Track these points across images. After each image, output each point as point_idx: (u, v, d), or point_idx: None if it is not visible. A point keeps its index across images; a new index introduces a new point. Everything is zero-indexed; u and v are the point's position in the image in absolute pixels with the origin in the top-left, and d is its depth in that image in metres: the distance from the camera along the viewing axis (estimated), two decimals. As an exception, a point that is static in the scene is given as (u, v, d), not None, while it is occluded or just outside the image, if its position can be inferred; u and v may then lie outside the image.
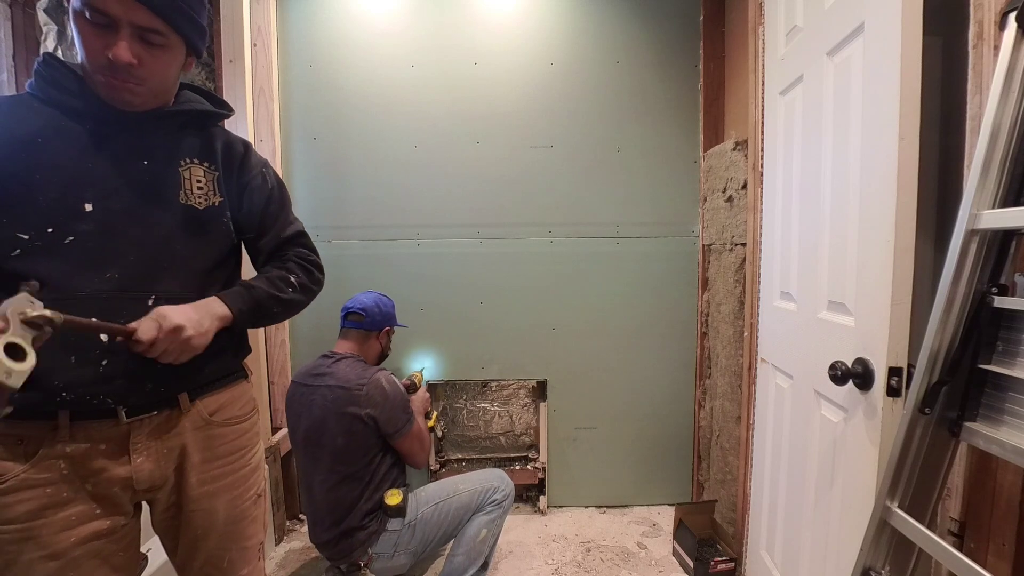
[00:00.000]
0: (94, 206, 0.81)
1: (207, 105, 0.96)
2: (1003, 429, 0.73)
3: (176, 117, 0.90)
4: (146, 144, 0.87)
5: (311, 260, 1.07)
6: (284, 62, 2.11)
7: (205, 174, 0.92)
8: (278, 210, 1.04)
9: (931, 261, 1.50)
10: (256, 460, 1.02)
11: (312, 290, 1.05)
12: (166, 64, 0.84)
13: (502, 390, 2.34)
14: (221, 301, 0.89)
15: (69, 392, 0.78)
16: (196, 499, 0.91)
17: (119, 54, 0.77)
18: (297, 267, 1.03)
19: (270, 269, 1.01)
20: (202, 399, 0.92)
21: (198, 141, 0.93)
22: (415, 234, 2.18)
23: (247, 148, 1.01)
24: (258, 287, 0.95)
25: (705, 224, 2.16)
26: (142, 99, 0.84)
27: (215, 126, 0.99)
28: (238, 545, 0.97)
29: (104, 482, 0.82)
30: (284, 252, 1.04)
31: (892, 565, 0.85)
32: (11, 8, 1.62)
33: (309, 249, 1.09)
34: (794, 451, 1.35)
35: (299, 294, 1.01)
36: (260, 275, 0.99)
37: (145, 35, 0.80)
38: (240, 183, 0.98)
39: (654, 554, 1.97)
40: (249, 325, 0.96)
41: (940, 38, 1.47)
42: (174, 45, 0.84)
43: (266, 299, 0.95)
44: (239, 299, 0.91)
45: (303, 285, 1.02)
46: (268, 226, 1.02)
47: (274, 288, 0.97)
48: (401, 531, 1.53)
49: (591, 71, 2.14)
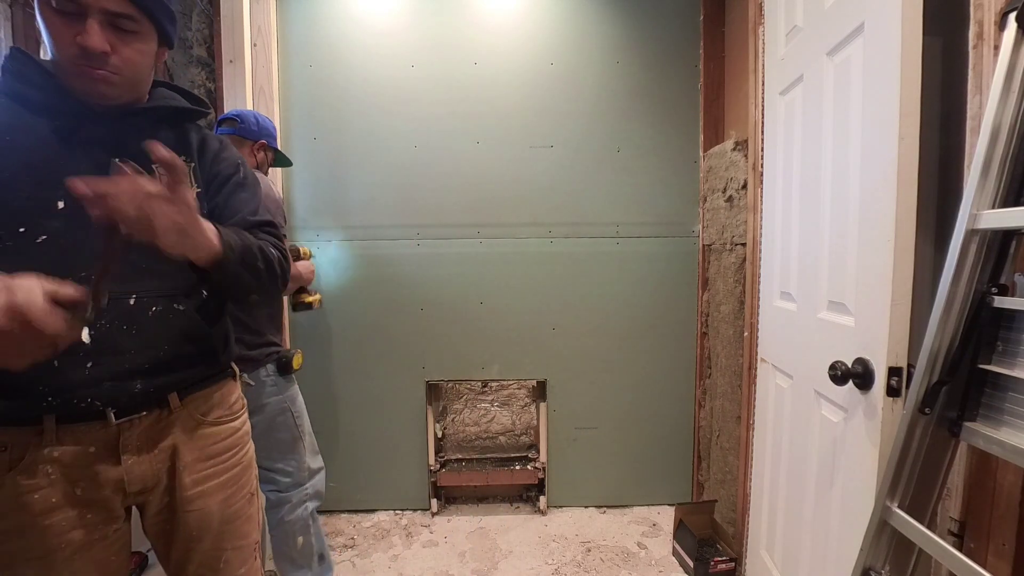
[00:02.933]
0: (66, 203, 0.78)
1: (183, 102, 0.94)
2: (1003, 429, 0.73)
3: (149, 113, 0.88)
4: (119, 141, 0.84)
5: (281, 248, 0.95)
6: (284, 62, 2.11)
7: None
8: (249, 197, 0.97)
9: (931, 261, 1.49)
10: (248, 458, 1.01)
11: (276, 274, 0.91)
12: (139, 52, 0.81)
13: (502, 390, 2.34)
14: (216, 229, 0.78)
15: (55, 397, 0.77)
16: (190, 500, 0.89)
17: (91, 41, 0.74)
18: (270, 244, 0.91)
19: (246, 235, 0.89)
20: (191, 398, 0.91)
21: (173, 136, 0.91)
22: (415, 234, 2.18)
23: (223, 143, 0.99)
24: (247, 236, 0.85)
25: (705, 224, 2.16)
26: (118, 90, 0.82)
27: (191, 123, 0.96)
28: (234, 544, 0.96)
29: (94, 486, 0.81)
30: (253, 234, 0.92)
31: (892, 565, 0.85)
32: (11, 8, 1.62)
33: (278, 239, 0.97)
34: (794, 451, 1.35)
35: (266, 269, 0.88)
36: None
37: (115, 21, 0.77)
38: (212, 171, 0.94)
39: (654, 554, 1.97)
40: (227, 273, 0.81)
41: (940, 38, 1.47)
42: (146, 32, 0.81)
43: (254, 248, 0.85)
44: (232, 237, 0.81)
45: (268, 263, 0.89)
46: (237, 208, 0.94)
47: (255, 246, 0.86)
48: (277, 390, 1.49)
49: (591, 71, 2.14)
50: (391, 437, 2.24)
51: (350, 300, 2.19)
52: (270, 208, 1.22)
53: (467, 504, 2.33)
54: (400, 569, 1.89)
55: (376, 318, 2.19)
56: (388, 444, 2.23)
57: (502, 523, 2.18)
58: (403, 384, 2.22)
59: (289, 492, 1.55)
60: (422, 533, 2.12)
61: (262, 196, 1.02)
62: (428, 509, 2.25)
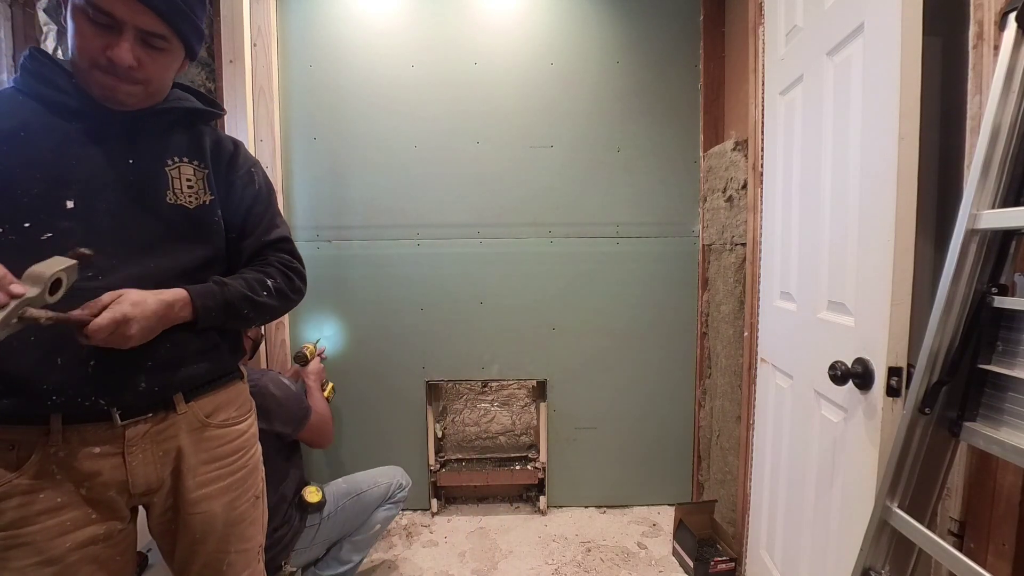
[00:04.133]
0: (76, 204, 0.79)
1: (197, 103, 0.94)
2: (1003, 429, 0.73)
3: (164, 115, 0.88)
4: (133, 143, 0.85)
5: (292, 267, 1.01)
6: (284, 62, 2.11)
7: (195, 172, 0.90)
8: (263, 211, 1.00)
9: (931, 261, 1.49)
10: (254, 461, 1.02)
11: (290, 298, 1.00)
12: (164, 67, 0.84)
13: (502, 390, 2.34)
14: (188, 295, 0.84)
15: (59, 395, 0.77)
16: (194, 502, 0.89)
17: (121, 56, 0.76)
18: (277, 272, 0.98)
19: (248, 271, 0.96)
20: (197, 400, 0.90)
21: (187, 139, 0.91)
22: (415, 234, 2.18)
23: (237, 146, 0.99)
24: (232, 285, 0.90)
25: (705, 224, 2.16)
26: (137, 100, 0.83)
27: (205, 124, 0.97)
28: (237, 548, 0.96)
29: (99, 486, 0.81)
30: (265, 256, 1.00)
31: (892, 565, 0.85)
32: (11, 8, 1.62)
33: (292, 256, 1.03)
34: (794, 451, 1.35)
35: (274, 299, 0.96)
36: (237, 275, 0.95)
37: (148, 39, 0.79)
38: (227, 180, 0.95)
39: (654, 554, 1.97)
40: (216, 324, 0.90)
41: (940, 38, 1.47)
42: (175, 49, 0.84)
43: (238, 299, 0.90)
44: (208, 296, 0.87)
45: (279, 291, 0.96)
46: (252, 227, 0.98)
47: (248, 289, 0.92)
48: (319, 525, 1.55)
49: (591, 71, 2.14)
50: (391, 437, 2.24)
51: (350, 300, 2.19)
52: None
53: (467, 504, 2.33)
54: (400, 569, 1.89)
55: (376, 318, 2.19)
56: (388, 444, 2.23)
57: (502, 523, 2.18)
58: (403, 384, 2.22)
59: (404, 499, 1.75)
60: (422, 533, 2.12)
61: (275, 204, 1.04)
62: (428, 509, 2.25)
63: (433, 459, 2.24)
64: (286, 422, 1.49)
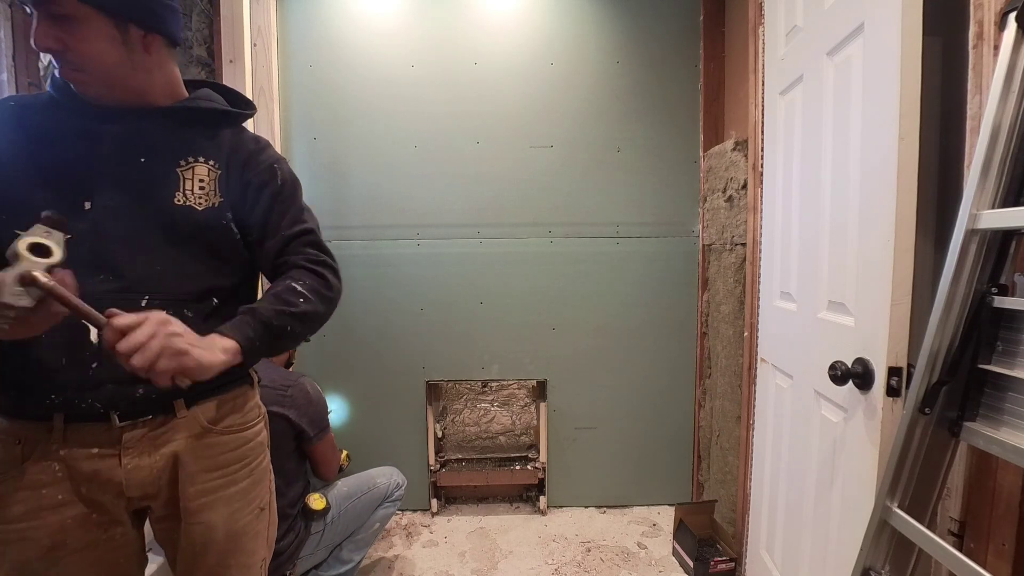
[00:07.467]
0: (92, 204, 0.79)
1: (220, 103, 0.91)
2: (1003, 429, 0.73)
3: (178, 114, 0.87)
4: (145, 141, 0.84)
5: (321, 262, 0.93)
6: (284, 62, 2.11)
7: (209, 173, 0.87)
8: (285, 209, 0.93)
9: (931, 261, 1.49)
10: (261, 471, 0.96)
11: (328, 297, 0.91)
12: (87, 41, 0.75)
13: (502, 390, 2.34)
14: (222, 335, 0.78)
15: (58, 395, 0.77)
16: (193, 511, 0.86)
17: (37, 39, 0.74)
18: (305, 273, 0.90)
19: (273, 285, 0.89)
20: (200, 405, 0.87)
21: (205, 140, 0.89)
22: (415, 234, 2.18)
23: (259, 144, 0.94)
24: (262, 308, 0.83)
25: (705, 224, 2.16)
26: (94, 89, 0.80)
27: (231, 125, 0.93)
28: (239, 562, 0.91)
29: (97, 487, 0.80)
30: (288, 255, 0.92)
31: (892, 565, 0.85)
32: (11, 8, 1.62)
33: (319, 250, 0.94)
34: (794, 451, 1.35)
35: (314, 304, 0.87)
36: (263, 296, 0.88)
37: (50, 10, 0.73)
38: (244, 179, 0.90)
39: (654, 554, 1.97)
40: (268, 353, 0.85)
41: (940, 38, 1.47)
42: (84, 16, 0.74)
43: (276, 318, 0.83)
44: (244, 327, 0.80)
45: (315, 291, 0.88)
46: (274, 226, 0.91)
47: (281, 304, 0.84)
48: (323, 531, 1.57)
49: (591, 71, 2.14)
50: (391, 437, 2.24)
51: (350, 300, 2.18)
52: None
53: (467, 504, 2.33)
54: (400, 569, 1.89)
55: (376, 318, 2.19)
56: (388, 444, 2.23)
57: (502, 523, 2.18)
58: (403, 384, 2.22)
59: (401, 498, 1.77)
60: (422, 533, 2.12)
61: (300, 200, 0.98)
62: (428, 509, 2.25)
63: (433, 459, 2.24)
64: (313, 422, 1.52)
